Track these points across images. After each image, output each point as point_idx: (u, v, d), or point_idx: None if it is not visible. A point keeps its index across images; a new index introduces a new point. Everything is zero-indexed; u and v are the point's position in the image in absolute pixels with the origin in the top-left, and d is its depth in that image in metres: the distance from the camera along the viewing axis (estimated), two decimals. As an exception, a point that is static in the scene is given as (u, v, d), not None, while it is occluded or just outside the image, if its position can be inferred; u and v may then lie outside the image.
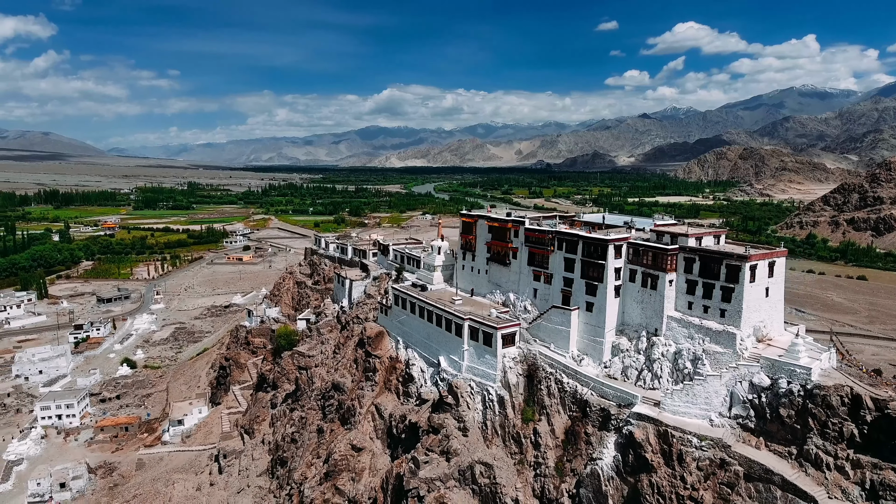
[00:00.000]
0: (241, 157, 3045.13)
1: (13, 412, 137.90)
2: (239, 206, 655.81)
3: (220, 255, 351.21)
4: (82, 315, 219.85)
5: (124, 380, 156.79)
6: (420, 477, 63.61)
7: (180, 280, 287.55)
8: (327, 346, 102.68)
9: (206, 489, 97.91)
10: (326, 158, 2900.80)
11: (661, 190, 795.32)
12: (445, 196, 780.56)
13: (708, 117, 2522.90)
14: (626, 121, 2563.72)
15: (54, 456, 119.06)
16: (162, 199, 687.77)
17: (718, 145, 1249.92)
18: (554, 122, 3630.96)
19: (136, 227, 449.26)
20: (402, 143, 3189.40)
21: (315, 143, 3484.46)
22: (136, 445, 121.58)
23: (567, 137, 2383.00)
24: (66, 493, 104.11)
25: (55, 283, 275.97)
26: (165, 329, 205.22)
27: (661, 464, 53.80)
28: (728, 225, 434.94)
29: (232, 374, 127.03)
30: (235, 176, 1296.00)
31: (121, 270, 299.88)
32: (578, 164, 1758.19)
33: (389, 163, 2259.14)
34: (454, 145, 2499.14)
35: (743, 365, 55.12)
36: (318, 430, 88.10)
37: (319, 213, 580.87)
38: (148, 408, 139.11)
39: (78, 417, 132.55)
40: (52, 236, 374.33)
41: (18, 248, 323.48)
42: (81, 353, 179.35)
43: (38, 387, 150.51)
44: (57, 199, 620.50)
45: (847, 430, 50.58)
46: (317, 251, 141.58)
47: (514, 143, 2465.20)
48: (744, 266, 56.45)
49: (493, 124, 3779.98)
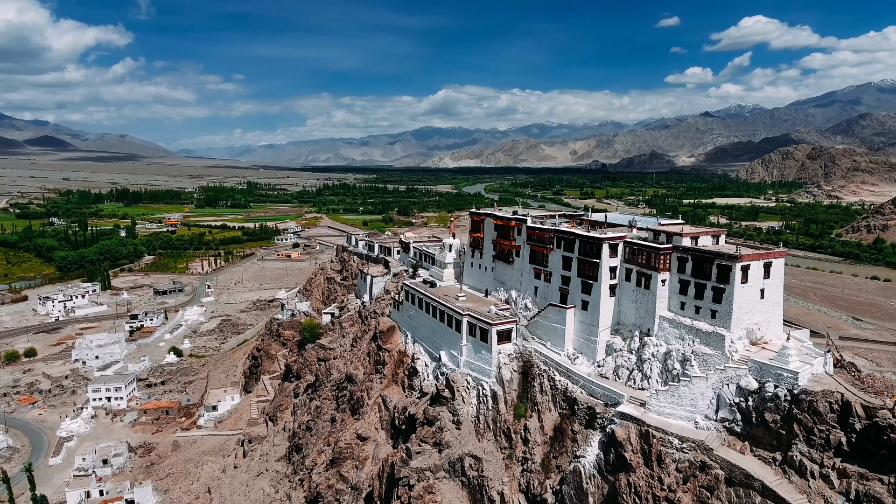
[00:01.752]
0: (300, 158, 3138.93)
1: (69, 393, 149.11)
2: (293, 205, 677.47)
3: (271, 252, 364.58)
4: (139, 306, 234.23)
5: (170, 367, 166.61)
6: (411, 466, 65.41)
7: (231, 275, 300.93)
8: (346, 340, 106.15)
9: (230, 471, 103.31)
10: (381, 159, 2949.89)
11: (720, 191, 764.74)
12: (495, 196, 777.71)
13: (775, 115, 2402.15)
14: (686, 119, 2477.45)
15: (101, 434, 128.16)
16: (222, 197, 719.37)
17: (786, 144, 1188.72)
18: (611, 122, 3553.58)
19: (196, 224, 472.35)
20: (455, 144, 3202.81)
21: (371, 143, 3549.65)
22: (174, 428, 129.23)
23: (624, 137, 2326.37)
24: (107, 469, 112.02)
25: (118, 275, 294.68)
26: (213, 321, 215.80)
27: (641, 464, 53.41)
28: (788, 228, 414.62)
29: (263, 365, 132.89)
30: (293, 176, 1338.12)
31: (177, 265, 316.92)
32: (635, 164, 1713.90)
33: (442, 163, 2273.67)
34: (508, 145, 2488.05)
35: (730, 367, 53.94)
36: (332, 420, 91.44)
37: (369, 212, 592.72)
38: (188, 394, 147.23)
39: (125, 400, 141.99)
40: (120, 232, 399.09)
41: (88, 242, 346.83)
42: (135, 341, 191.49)
43: (93, 371, 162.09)
44: (127, 198, 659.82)
45: (835, 438, 48.76)
46: (347, 248, 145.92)
47: (568, 143, 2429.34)
48: (734, 266, 55.15)
49: (548, 124, 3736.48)
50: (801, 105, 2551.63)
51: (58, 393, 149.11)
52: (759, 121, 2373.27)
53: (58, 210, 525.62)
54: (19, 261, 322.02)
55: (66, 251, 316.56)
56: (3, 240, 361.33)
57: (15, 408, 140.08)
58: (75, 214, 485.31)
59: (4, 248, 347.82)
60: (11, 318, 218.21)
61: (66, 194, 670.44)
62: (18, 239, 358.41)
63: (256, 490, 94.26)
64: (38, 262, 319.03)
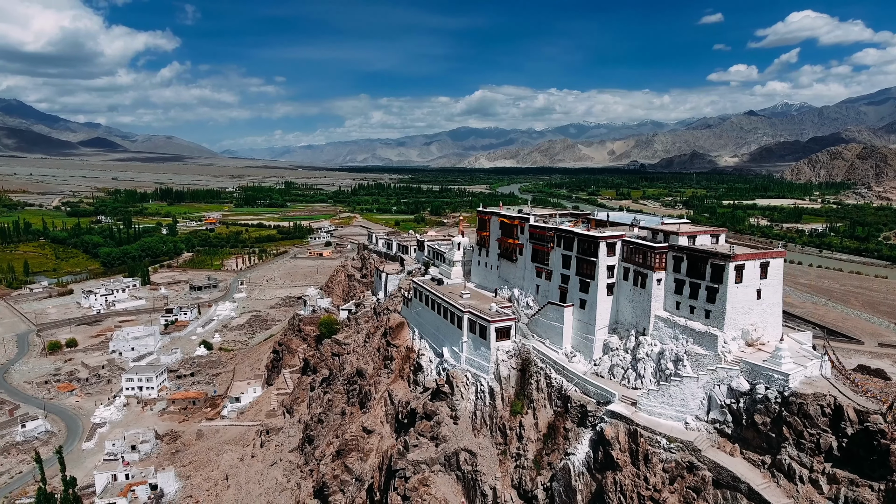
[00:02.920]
0: (338, 159, 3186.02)
1: (105, 382, 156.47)
2: (328, 205, 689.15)
3: (303, 250, 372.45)
4: (175, 301, 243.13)
5: (200, 359, 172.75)
6: (408, 459, 66.76)
7: (264, 272, 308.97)
8: (360, 335, 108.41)
9: (248, 460, 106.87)
10: (418, 159, 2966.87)
11: (763, 192, 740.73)
12: (529, 196, 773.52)
13: (824, 113, 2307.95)
14: (729, 118, 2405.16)
15: (132, 422, 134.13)
16: (260, 197, 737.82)
17: (835, 144, 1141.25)
18: (650, 121, 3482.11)
19: (234, 223, 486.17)
20: (491, 144, 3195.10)
21: (407, 144, 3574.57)
22: (200, 418, 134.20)
23: (664, 137, 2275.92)
24: (134, 455, 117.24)
25: (157, 271, 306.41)
26: (243, 316, 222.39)
27: (628, 462, 53.35)
28: (832, 230, 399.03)
29: (284, 359, 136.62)
30: (330, 176, 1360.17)
31: (213, 262, 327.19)
32: (675, 164, 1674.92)
33: (478, 163, 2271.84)
34: (544, 146, 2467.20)
35: (722, 368, 53.30)
36: (342, 413, 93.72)
37: (402, 211, 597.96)
38: (215, 385, 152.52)
39: (156, 390, 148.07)
40: (161, 230, 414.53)
41: (132, 239, 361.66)
42: (169, 334, 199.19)
43: (128, 361, 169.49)
44: (170, 197, 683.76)
45: (825, 443, 47.73)
46: (367, 246, 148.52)
47: (606, 143, 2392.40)
48: (728, 266, 54.43)
49: (586, 124, 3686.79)
50: (853, 103, 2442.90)
51: (94, 381, 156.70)
52: (807, 119, 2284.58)
53: (106, 208, 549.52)
54: (67, 256, 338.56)
55: (111, 247, 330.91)
56: (54, 236, 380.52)
57: (55, 395, 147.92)
58: (121, 212, 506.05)
59: (54, 244, 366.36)
60: (57, 310, 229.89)
61: (114, 193, 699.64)
62: (67, 235, 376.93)
63: (270, 479, 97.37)
64: (84, 257, 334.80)
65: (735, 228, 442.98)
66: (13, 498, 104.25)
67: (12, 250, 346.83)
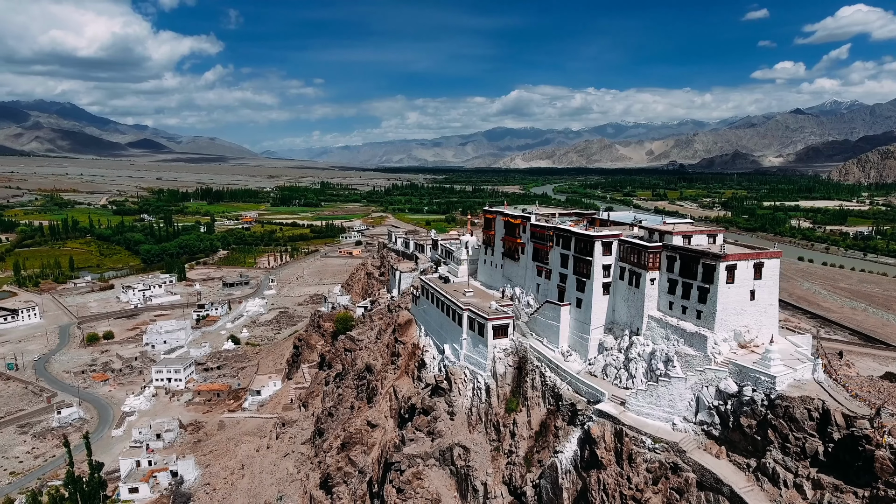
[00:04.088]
0: (374, 159, 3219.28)
1: (137, 373, 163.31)
2: (361, 205, 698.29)
3: (334, 249, 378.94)
4: (208, 296, 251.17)
5: (227, 353, 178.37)
6: (403, 452, 68.08)
7: (295, 270, 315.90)
8: (373, 332, 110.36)
9: (263, 451, 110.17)
10: (453, 160, 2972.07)
11: (807, 193, 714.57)
12: (562, 197, 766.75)
13: (877, 112, 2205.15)
14: (774, 117, 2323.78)
15: (159, 411, 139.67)
16: (296, 196, 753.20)
17: (888, 143, 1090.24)
18: (691, 120, 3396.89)
19: (269, 222, 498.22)
20: (527, 144, 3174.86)
21: (443, 144, 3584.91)
22: (222, 409, 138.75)
23: (705, 136, 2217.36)
24: (159, 443, 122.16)
25: (194, 268, 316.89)
26: (271, 312, 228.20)
27: (612, 461, 53.30)
28: (879, 233, 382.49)
29: (303, 354, 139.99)
30: (365, 176, 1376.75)
31: (247, 260, 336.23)
32: (716, 164, 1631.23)
33: (514, 164, 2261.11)
34: (580, 146, 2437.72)
35: (710, 369, 52.74)
36: (351, 407, 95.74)
37: (434, 211, 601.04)
38: (239, 379, 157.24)
39: (183, 382, 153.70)
40: (200, 228, 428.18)
41: (171, 237, 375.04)
42: (200, 329, 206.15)
43: (159, 354, 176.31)
44: (210, 196, 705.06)
45: (811, 447, 46.79)
46: (386, 245, 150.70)
47: (644, 143, 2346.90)
48: (718, 265, 53.76)
49: (624, 123, 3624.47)
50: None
51: (127, 372, 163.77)
52: (858, 118, 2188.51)
53: (149, 207, 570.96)
54: (111, 252, 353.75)
55: (151, 245, 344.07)
56: (99, 233, 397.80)
57: (90, 384, 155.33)
58: (163, 211, 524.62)
59: (99, 241, 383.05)
60: (98, 304, 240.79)
61: (158, 193, 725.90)
62: (112, 233, 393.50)
63: (282, 469, 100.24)
64: (126, 254, 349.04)
65: (775, 231, 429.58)
66: (45, 480, 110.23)
67: (60, 246, 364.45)
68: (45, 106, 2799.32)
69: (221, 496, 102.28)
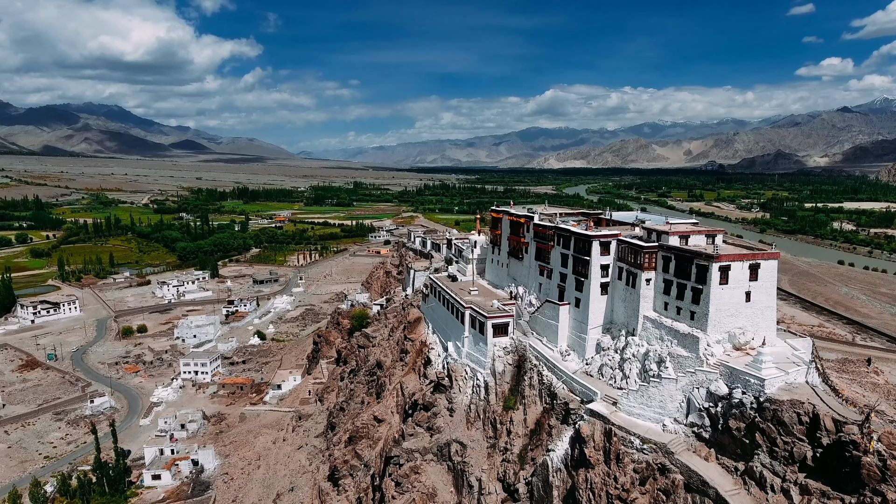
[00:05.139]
0: (408, 160, 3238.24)
1: (166, 365, 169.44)
2: (393, 204, 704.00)
3: (363, 248, 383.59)
4: (238, 293, 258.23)
5: (252, 348, 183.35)
6: (402, 447, 69.40)
7: (323, 268, 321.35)
8: (386, 329, 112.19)
9: (279, 443, 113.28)
10: (486, 160, 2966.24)
11: (853, 194, 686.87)
12: (595, 198, 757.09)
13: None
14: (820, 116, 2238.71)
15: (185, 403, 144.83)
16: (329, 196, 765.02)
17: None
18: (731, 119, 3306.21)
19: (302, 221, 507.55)
20: (562, 145, 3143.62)
21: (476, 144, 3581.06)
22: (245, 402, 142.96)
23: (746, 136, 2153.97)
24: (183, 433, 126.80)
25: (226, 265, 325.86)
26: (298, 309, 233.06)
27: (600, 461, 53.39)
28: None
29: (322, 350, 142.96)
30: (398, 176, 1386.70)
31: (278, 258, 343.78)
32: (757, 165, 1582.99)
33: (547, 164, 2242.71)
34: (616, 146, 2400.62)
35: (701, 371, 52.30)
36: (361, 402, 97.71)
37: (464, 212, 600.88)
38: (263, 373, 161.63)
39: (209, 375, 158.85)
40: (235, 226, 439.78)
41: (206, 235, 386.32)
42: (228, 324, 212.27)
43: (189, 347, 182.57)
44: (246, 196, 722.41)
45: (800, 452, 46.04)
46: (405, 244, 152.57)
47: (682, 143, 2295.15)
48: (711, 266, 53.24)
49: (661, 123, 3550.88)
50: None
51: (157, 364, 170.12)
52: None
53: (188, 206, 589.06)
54: (149, 249, 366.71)
55: (187, 242, 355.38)
56: (139, 231, 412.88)
57: (122, 375, 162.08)
58: (201, 210, 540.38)
59: (139, 238, 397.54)
60: (135, 298, 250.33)
61: (197, 192, 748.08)
62: (151, 231, 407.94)
63: (295, 461, 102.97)
64: (164, 251, 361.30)
65: (815, 233, 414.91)
66: (76, 464, 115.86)
67: (103, 243, 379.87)
68: (93, 108, 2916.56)
69: (238, 485, 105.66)
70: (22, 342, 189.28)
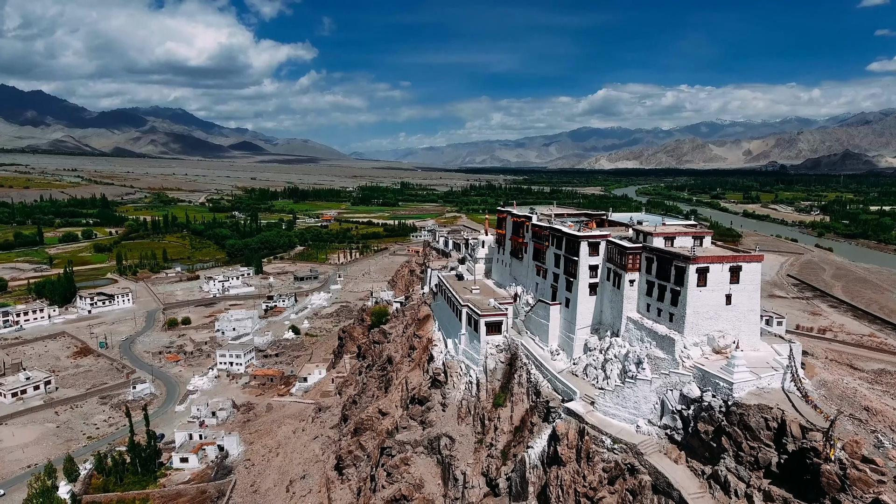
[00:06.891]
0: (457, 160, 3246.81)
1: (205, 356, 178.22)
2: (438, 205, 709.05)
3: (403, 247, 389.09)
4: (279, 289, 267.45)
5: (286, 342, 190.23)
6: (395, 439, 71.67)
7: (362, 266, 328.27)
8: (401, 326, 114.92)
9: (298, 433, 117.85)
10: (536, 160, 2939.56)
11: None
12: (644, 199, 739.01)
13: None
14: (894, 113, 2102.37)
15: (218, 392, 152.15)
16: (376, 196, 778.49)
17: None
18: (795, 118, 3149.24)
19: (347, 220, 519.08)
20: (614, 145, 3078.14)
21: (526, 145, 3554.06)
22: (273, 393, 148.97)
23: (810, 135, 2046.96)
24: (213, 420, 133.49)
25: (271, 262, 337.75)
26: (333, 306, 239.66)
27: (572, 459, 53.97)
28: None
29: (346, 345, 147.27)
30: (445, 177, 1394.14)
31: (320, 255, 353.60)
32: (822, 165, 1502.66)
33: (598, 164, 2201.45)
34: (670, 146, 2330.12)
35: (675, 373, 52.12)
36: (372, 396, 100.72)
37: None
38: (293, 366, 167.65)
39: (244, 366, 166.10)
40: (282, 225, 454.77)
41: (254, 232, 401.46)
42: (266, 319, 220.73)
43: (227, 340, 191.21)
44: (296, 195, 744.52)
45: (765, 457, 45.44)
46: (430, 243, 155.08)
47: (741, 143, 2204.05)
48: (688, 268, 52.89)
49: (719, 122, 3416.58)
50: None
51: (197, 355, 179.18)
52: None
53: (240, 205, 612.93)
54: (201, 246, 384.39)
55: (235, 240, 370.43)
56: (193, 228, 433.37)
57: (163, 363, 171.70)
58: (252, 209, 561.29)
59: (192, 235, 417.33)
60: (183, 292, 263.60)
61: (250, 192, 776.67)
62: (204, 228, 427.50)
63: (309, 450, 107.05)
64: (214, 248, 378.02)
65: (878, 238, 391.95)
66: (115, 445, 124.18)
67: (160, 239, 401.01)
68: (159, 112, 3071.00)
69: (257, 471, 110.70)
70: (78, 331, 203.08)
